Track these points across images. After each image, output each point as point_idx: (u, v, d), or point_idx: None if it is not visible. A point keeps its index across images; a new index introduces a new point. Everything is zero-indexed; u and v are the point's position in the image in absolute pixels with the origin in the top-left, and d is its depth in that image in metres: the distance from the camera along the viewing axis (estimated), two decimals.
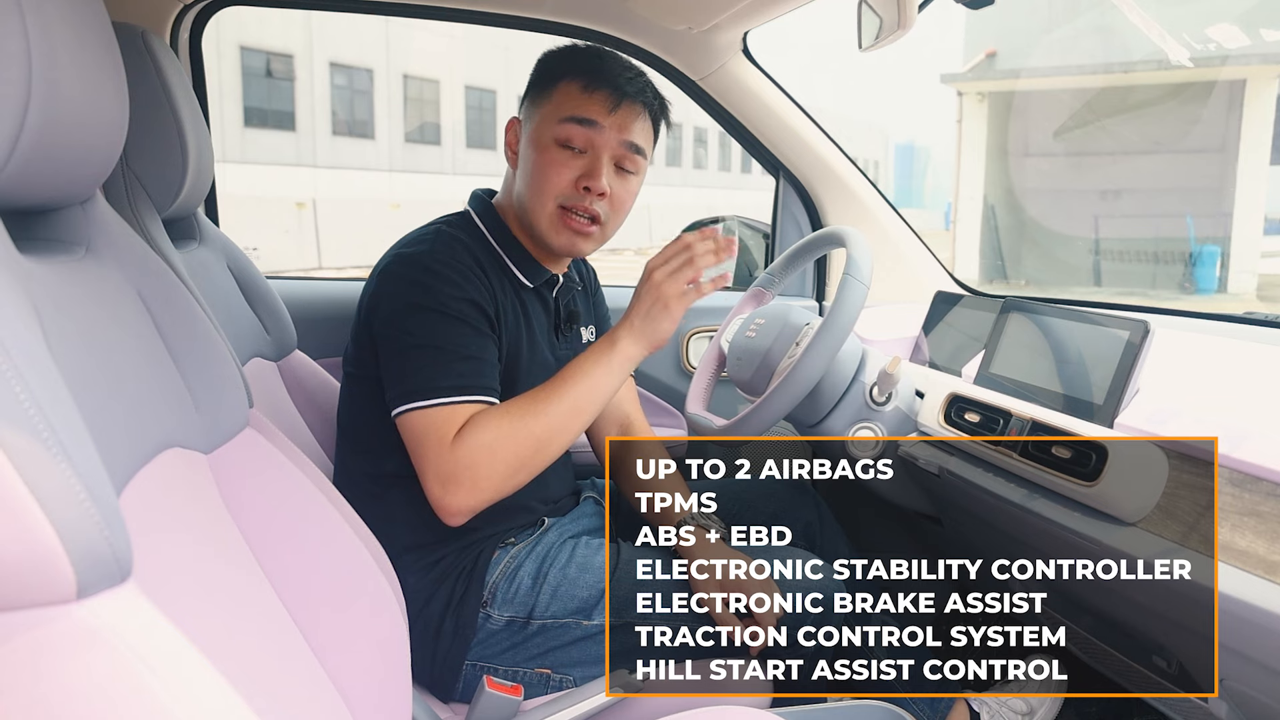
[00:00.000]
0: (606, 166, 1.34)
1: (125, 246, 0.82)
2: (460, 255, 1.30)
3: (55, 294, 0.65)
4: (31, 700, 0.52)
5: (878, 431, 1.47)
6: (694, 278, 1.26)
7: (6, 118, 0.58)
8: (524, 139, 1.38)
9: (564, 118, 1.32)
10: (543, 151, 1.34)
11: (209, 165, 1.44)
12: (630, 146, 1.35)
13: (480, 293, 1.29)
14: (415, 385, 1.23)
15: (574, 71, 1.34)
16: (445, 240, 1.33)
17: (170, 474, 0.74)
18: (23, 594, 0.51)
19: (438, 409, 1.21)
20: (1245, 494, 0.93)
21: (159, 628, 0.55)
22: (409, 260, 1.30)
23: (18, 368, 0.51)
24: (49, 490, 0.50)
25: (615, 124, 1.33)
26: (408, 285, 1.28)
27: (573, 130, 1.32)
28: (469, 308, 1.27)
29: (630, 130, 1.35)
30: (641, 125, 1.37)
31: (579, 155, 1.33)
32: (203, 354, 0.87)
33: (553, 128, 1.33)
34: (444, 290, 1.26)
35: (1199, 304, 11.56)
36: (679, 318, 1.27)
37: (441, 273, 1.27)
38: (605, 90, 1.33)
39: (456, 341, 1.25)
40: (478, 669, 1.29)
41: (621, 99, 1.34)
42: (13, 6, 0.57)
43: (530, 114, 1.38)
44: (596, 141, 1.33)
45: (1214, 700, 1.10)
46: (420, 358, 1.24)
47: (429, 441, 1.21)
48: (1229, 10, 11.64)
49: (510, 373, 1.34)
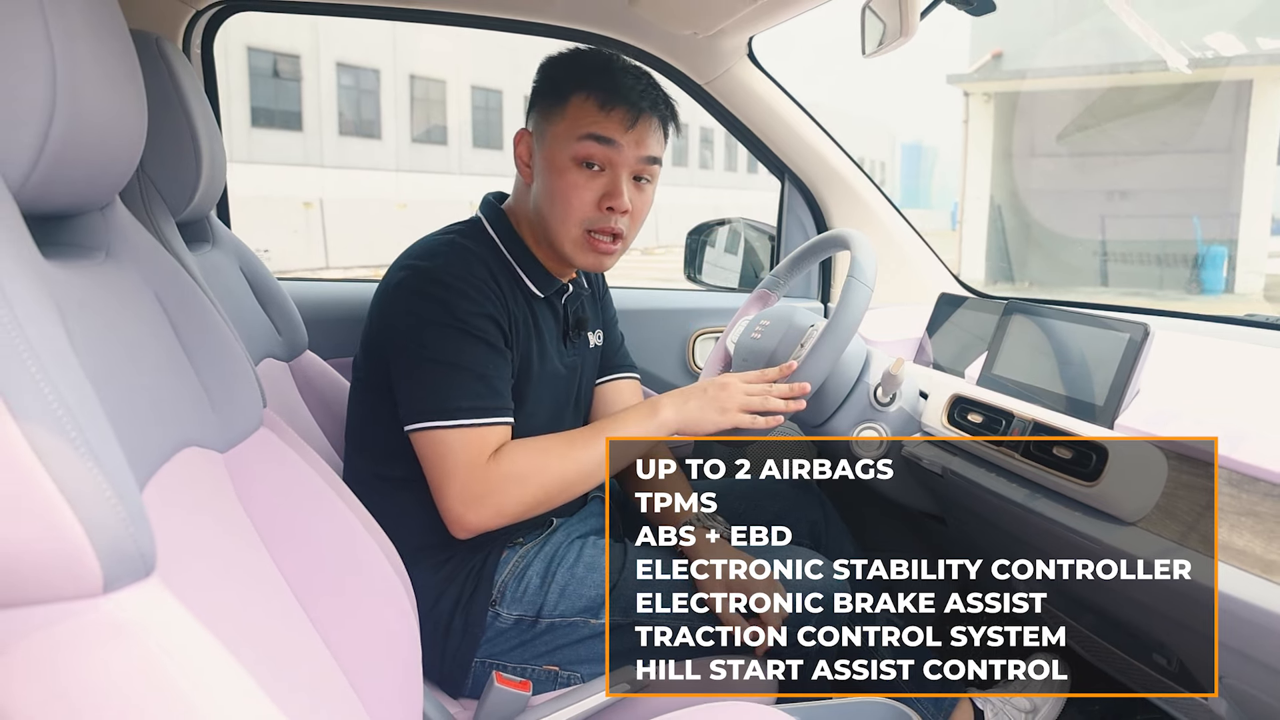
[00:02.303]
0: (626, 182, 1.34)
1: (143, 250, 0.84)
2: (474, 268, 1.31)
3: (78, 297, 0.66)
4: (57, 691, 0.54)
5: (882, 432, 1.48)
6: (761, 408, 1.33)
7: (32, 126, 0.59)
8: (539, 156, 1.36)
9: (582, 135, 1.31)
10: (562, 173, 1.33)
11: (222, 169, 1.45)
12: (647, 159, 1.36)
13: (495, 306, 1.30)
14: (433, 404, 1.24)
15: (587, 85, 1.33)
16: (459, 253, 1.33)
17: (188, 472, 0.76)
18: (50, 588, 0.52)
19: (464, 430, 1.24)
20: (1243, 494, 0.94)
21: (182, 621, 0.57)
22: (424, 274, 1.30)
23: (46, 369, 0.53)
24: (76, 488, 0.52)
25: (633, 140, 1.33)
26: (423, 300, 1.28)
27: (592, 149, 1.32)
28: (485, 323, 1.28)
29: (647, 144, 1.35)
30: (656, 136, 1.37)
31: (598, 174, 1.33)
32: (218, 355, 0.89)
33: (570, 146, 1.32)
34: (460, 305, 1.27)
35: (1206, 305, 11.54)
36: (724, 427, 1.33)
37: (457, 287, 1.27)
38: (622, 107, 1.32)
39: (472, 359, 1.26)
40: (486, 666, 1.31)
41: (638, 115, 1.33)
42: (37, 17, 0.59)
43: (542, 128, 1.36)
44: (615, 159, 1.33)
45: (1214, 699, 1.11)
46: (436, 375, 1.25)
47: (456, 461, 1.23)
48: (1230, 16, 11.62)
49: (521, 383, 1.35)
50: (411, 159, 19.56)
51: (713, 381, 1.35)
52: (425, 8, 1.89)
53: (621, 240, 1.37)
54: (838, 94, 57.25)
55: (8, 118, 0.58)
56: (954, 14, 1.53)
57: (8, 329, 0.52)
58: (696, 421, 1.32)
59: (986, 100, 13.96)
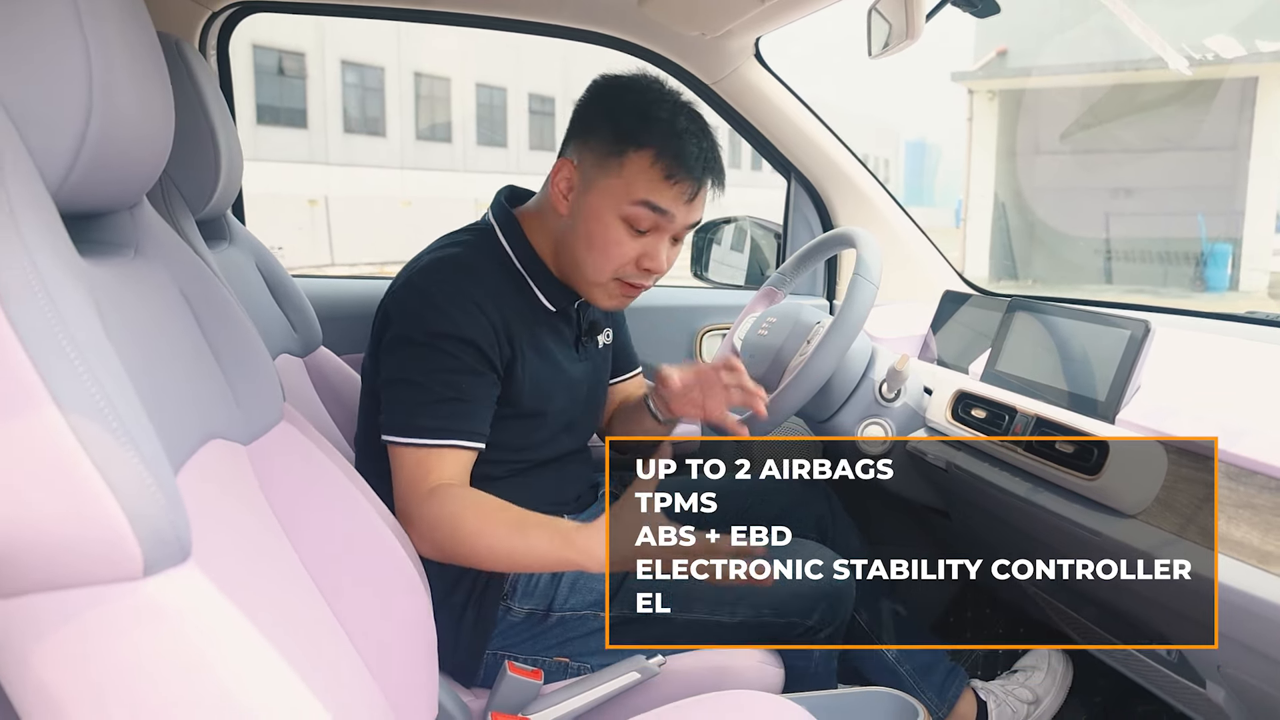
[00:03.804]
0: (666, 244, 1.32)
1: (169, 248, 0.86)
2: (468, 289, 1.27)
3: (111, 294, 0.68)
4: (98, 671, 0.56)
5: (887, 428, 1.50)
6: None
7: (72, 129, 0.62)
8: (582, 198, 1.30)
9: (638, 200, 1.26)
10: (607, 229, 1.28)
11: (239, 168, 1.48)
12: (693, 225, 1.34)
13: (482, 331, 1.26)
14: (397, 419, 1.23)
15: (651, 146, 1.26)
16: (459, 271, 1.30)
17: (214, 464, 0.78)
18: (93, 572, 0.55)
19: (414, 449, 1.21)
20: (1240, 487, 0.96)
21: (217, 605, 0.59)
22: (415, 290, 1.29)
23: (88, 362, 0.55)
24: (118, 475, 0.54)
25: (686, 212, 1.30)
26: (406, 316, 1.27)
27: (644, 216, 1.27)
28: (462, 346, 1.25)
29: (697, 212, 1.32)
30: (704, 201, 1.33)
31: (642, 235, 1.29)
32: (241, 350, 0.91)
33: (623, 206, 1.27)
34: (437, 325, 1.24)
35: (1211, 303, 11.52)
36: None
37: (442, 307, 1.25)
38: (687, 181, 1.26)
39: (444, 380, 1.23)
40: (499, 657, 1.33)
41: (700, 188, 1.29)
42: (74, 24, 0.61)
43: (591, 174, 1.29)
44: (664, 227, 1.29)
45: (1212, 687, 1.13)
46: (405, 392, 1.24)
47: (402, 479, 1.21)
48: (1231, 16, 11.60)
49: (534, 397, 1.34)
50: (416, 156, 19.57)
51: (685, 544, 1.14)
52: (436, 9, 1.91)
53: (645, 286, 1.36)
54: (843, 92, 57.19)
55: (48, 122, 0.60)
56: (959, 12, 1.55)
57: (51, 324, 0.54)
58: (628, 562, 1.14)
59: (991, 98, 13.96)
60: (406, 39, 18.83)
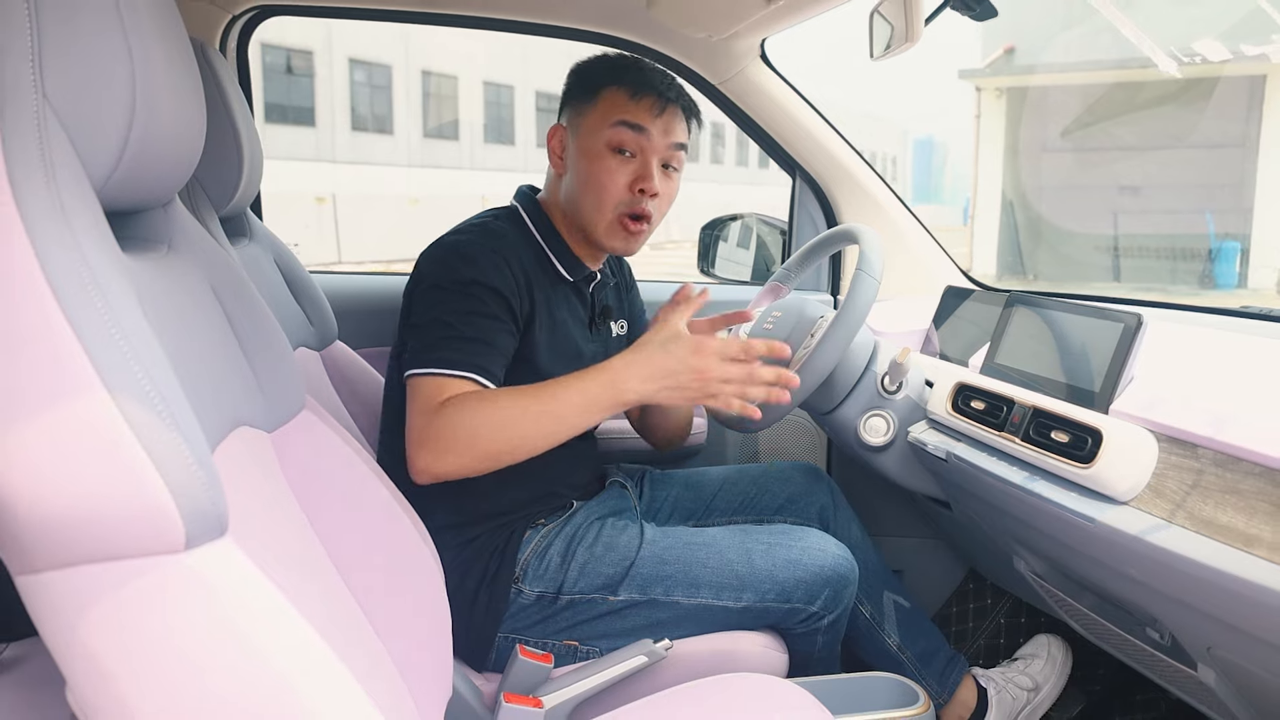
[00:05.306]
0: (656, 168, 1.43)
1: (199, 244, 0.90)
2: (498, 245, 1.37)
3: (148, 287, 0.72)
4: (142, 639, 0.60)
5: (888, 419, 1.54)
6: (738, 393, 1.21)
7: (116, 133, 0.66)
8: (572, 146, 1.46)
9: (614, 122, 1.41)
10: (596, 159, 1.42)
11: (259, 167, 1.52)
12: (675, 146, 1.45)
13: (507, 282, 1.34)
14: (414, 356, 1.30)
15: (617, 80, 1.43)
16: (486, 230, 1.41)
17: (241, 450, 0.82)
18: (138, 544, 0.59)
19: (431, 378, 1.27)
20: (1227, 473, 1.00)
21: (253, 577, 0.63)
22: (447, 245, 1.39)
23: (135, 349, 0.59)
24: (162, 453, 0.58)
25: (661, 128, 1.42)
26: (437, 265, 1.36)
27: (624, 135, 1.41)
28: (489, 293, 1.32)
29: (674, 131, 1.44)
30: (681, 125, 1.46)
31: (630, 160, 1.42)
32: (265, 342, 0.95)
33: (604, 132, 1.41)
34: (467, 273, 1.32)
35: (1218, 300, 11.49)
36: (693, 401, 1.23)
37: (472, 256, 1.34)
38: (651, 95, 1.42)
39: (466, 320, 1.30)
40: (509, 640, 1.37)
41: (666, 104, 1.43)
42: (118, 31, 0.65)
43: (575, 121, 1.46)
44: (646, 145, 1.42)
45: (1202, 669, 1.17)
46: (431, 331, 1.30)
47: (414, 406, 1.26)
48: (1228, 18, 11.56)
49: (541, 362, 1.40)
50: (423, 154, 19.63)
51: (682, 341, 1.22)
52: (447, 11, 1.95)
53: (649, 222, 1.45)
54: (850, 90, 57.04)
55: (95, 126, 0.64)
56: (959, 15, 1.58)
57: (102, 314, 0.58)
58: (665, 396, 1.22)
59: (998, 95, 13.96)
60: (414, 38, 18.88)
